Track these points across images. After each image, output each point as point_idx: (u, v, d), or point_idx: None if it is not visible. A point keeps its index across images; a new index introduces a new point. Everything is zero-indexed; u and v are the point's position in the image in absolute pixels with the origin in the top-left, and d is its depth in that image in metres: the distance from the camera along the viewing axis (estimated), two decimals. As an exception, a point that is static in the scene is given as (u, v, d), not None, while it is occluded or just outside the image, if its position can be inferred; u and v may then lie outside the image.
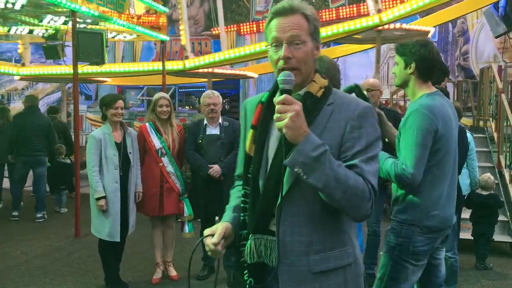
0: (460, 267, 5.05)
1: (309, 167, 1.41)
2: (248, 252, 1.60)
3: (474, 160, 5.14)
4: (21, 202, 7.39)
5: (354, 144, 1.51)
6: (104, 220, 4.14)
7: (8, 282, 4.55)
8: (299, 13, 1.55)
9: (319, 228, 1.54)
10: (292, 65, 1.53)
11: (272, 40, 1.55)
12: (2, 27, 9.11)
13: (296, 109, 1.40)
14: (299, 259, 1.54)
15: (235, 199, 1.78)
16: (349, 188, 1.44)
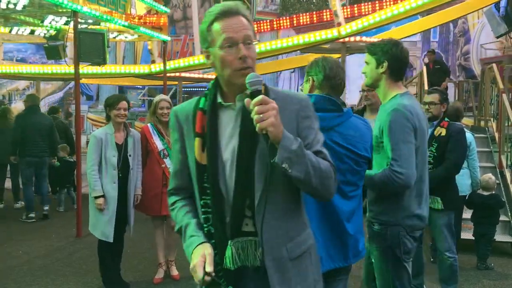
0: (461, 267, 5.05)
1: (292, 161, 1.47)
2: (230, 258, 1.58)
3: (475, 161, 5.15)
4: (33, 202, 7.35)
5: (309, 132, 1.60)
6: (100, 218, 4.14)
7: (9, 282, 4.56)
8: (242, 15, 1.58)
9: (289, 216, 1.63)
10: (249, 64, 1.55)
11: (224, 41, 1.54)
12: (4, 28, 9.12)
13: (275, 107, 1.45)
14: (280, 250, 1.59)
15: (186, 216, 1.69)
16: (322, 172, 1.54)
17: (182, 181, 1.73)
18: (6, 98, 19.48)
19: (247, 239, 1.59)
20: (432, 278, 4.64)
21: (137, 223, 5.77)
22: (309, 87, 2.39)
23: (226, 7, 1.57)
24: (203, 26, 1.60)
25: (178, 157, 1.71)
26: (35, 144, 6.96)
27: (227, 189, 1.59)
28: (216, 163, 1.59)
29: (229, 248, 1.59)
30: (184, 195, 1.74)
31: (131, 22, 8.07)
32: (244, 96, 1.55)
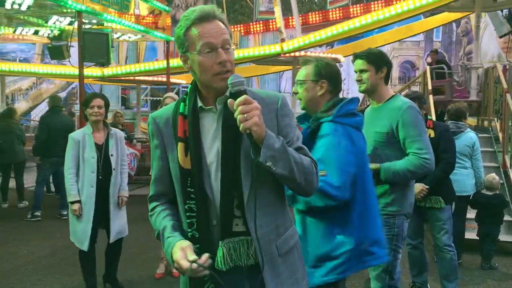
0: (465, 267, 5.07)
1: (276, 159, 1.50)
2: (221, 259, 1.59)
3: (479, 161, 5.15)
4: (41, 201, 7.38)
5: (289, 130, 1.65)
6: (76, 225, 3.92)
7: (15, 282, 4.57)
8: (218, 19, 1.59)
9: (277, 213, 1.67)
10: (228, 68, 1.56)
11: (203, 46, 1.55)
12: (8, 28, 9.15)
13: (259, 107, 1.47)
14: (270, 247, 1.62)
15: (164, 220, 1.67)
16: (305, 168, 1.59)
17: (162, 187, 1.72)
18: (9, 98, 19.55)
19: (239, 239, 1.60)
20: (436, 278, 4.64)
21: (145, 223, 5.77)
22: (322, 92, 2.36)
23: (203, 12, 1.56)
24: (179, 30, 1.59)
25: (159, 163, 1.70)
26: (58, 144, 6.98)
27: (213, 192, 1.60)
28: (200, 166, 1.60)
29: (220, 249, 1.59)
30: (164, 200, 1.74)
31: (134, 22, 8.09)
32: (224, 99, 1.58)
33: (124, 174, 4.16)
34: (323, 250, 2.19)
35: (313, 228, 2.23)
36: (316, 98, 2.36)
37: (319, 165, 2.03)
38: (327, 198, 2.15)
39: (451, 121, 5.13)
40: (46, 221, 7.08)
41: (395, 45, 14.52)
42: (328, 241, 2.19)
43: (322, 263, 2.19)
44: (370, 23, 9.86)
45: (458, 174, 5.05)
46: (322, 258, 2.19)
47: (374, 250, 2.27)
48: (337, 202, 2.17)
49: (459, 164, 5.05)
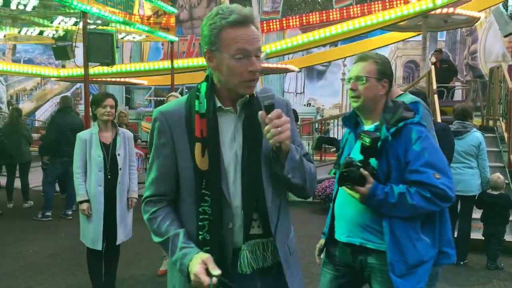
0: (471, 267, 5.06)
1: (295, 170, 1.55)
2: (245, 263, 1.57)
3: (485, 160, 5.13)
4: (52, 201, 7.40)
5: (295, 135, 1.64)
6: (87, 225, 3.86)
7: (20, 282, 4.59)
8: (254, 25, 1.55)
9: (286, 214, 1.71)
10: (257, 77, 1.56)
11: (237, 51, 1.50)
12: (13, 28, 9.18)
13: (289, 120, 1.51)
14: (285, 247, 1.67)
15: (171, 226, 1.60)
16: (312, 175, 1.65)
17: (165, 187, 1.63)
18: (14, 98, 19.63)
19: (255, 242, 1.60)
20: (442, 278, 4.62)
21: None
22: (384, 92, 2.23)
23: (242, 15, 1.50)
24: (211, 27, 1.52)
25: (165, 162, 1.61)
26: (69, 144, 7.00)
27: (229, 194, 1.56)
28: (218, 168, 1.55)
29: (243, 252, 1.57)
30: (165, 203, 1.65)
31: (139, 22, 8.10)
32: (244, 101, 1.61)
33: (133, 175, 4.10)
34: (416, 257, 2.08)
35: (404, 235, 2.09)
36: (378, 97, 2.20)
37: (429, 169, 2.05)
38: (447, 201, 2.08)
39: (457, 121, 5.11)
40: (51, 220, 7.10)
41: (399, 45, 14.49)
42: (417, 246, 2.09)
43: (414, 270, 2.08)
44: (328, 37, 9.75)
45: (464, 174, 5.04)
46: (415, 264, 2.08)
47: (446, 250, 2.23)
48: (450, 204, 2.13)
49: (465, 164, 5.04)
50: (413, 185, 2.06)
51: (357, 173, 2.05)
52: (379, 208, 2.07)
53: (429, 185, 2.04)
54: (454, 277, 4.76)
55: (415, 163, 2.06)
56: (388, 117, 2.15)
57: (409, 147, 2.08)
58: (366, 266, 2.17)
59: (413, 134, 2.10)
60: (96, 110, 3.91)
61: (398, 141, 2.09)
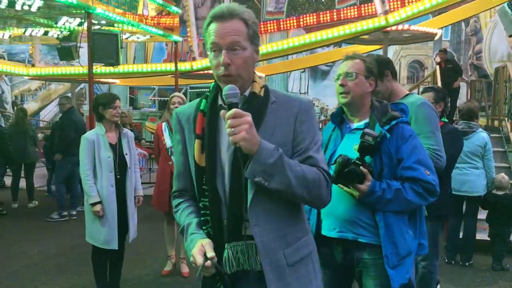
0: (476, 268, 5.04)
1: (268, 174, 1.46)
2: (226, 262, 1.56)
3: (491, 161, 5.10)
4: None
5: (305, 137, 1.58)
6: (100, 226, 3.85)
7: (25, 281, 4.60)
8: (238, 18, 1.53)
9: (287, 221, 1.61)
10: (232, 72, 1.52)
11: (211, 45, 1.53)
12: (18, 29, 9.22)
13: (248, 121, 1.42)
14: (277, 255, 1.57)
15: (188, 216, 1.67)
16: (309, 182, 1.52)
17: (184, 182, 1.71)
18: (19, 98, 19.71)
19: (248, 243, 1.57)
20: (446, 278, 4.61)
21: (154, 223, 5.82)
22: (371, 89, 2.34)
23: (220, 10, 1.53)
24: (204, 27, 1.58)
25: (180, 158, 1.70)
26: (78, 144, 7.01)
27: (225, 192, 1.58)
28: (214, 165, 1.58)
29: (226, 251, 1.57)
30: (188, 196, 1.73)
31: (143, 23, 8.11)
32: (243, 99, 1.58)
33: (137, 173, 4.17)
34: (406, 248, 2.19)
35: (397, 227, 2.19)
36: (365, 94, 2.30)
37: (421, 166, 2.16)
38: (434, 196, 2.22)
39: (463, 121, 5.09)
40: (55, 221, 7.10)
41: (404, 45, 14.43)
42: (406, 238, 2.20)
43: (403, 261, 2.19)
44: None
45: (469, 175, 5.02)
46: (405, 255, 2.20)
47: (423, 242, 2.34)
48: (435, 198, 2.25)
49: (470, 164, 5.01)
50: (406, 181, 2.18)
51: (358, 171, 2.12)
52: (376, 204, 2.16)
53: (422, 181, 2.17)
54: (459, 278, 4.74)
55: (408, 160, 2.18)
56: (379, 115, 2.26)
57: (401, 145, 2.19)
58: (359, 262, 2.23)
59: (405, 132, 2.22)
60: (104, 111, 3.90)
61: (390, 139, 2.19)
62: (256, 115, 1.51)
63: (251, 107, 1.54)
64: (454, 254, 5.18)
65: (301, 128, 1.59)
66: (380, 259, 2.15)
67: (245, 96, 1.59)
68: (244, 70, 1.55)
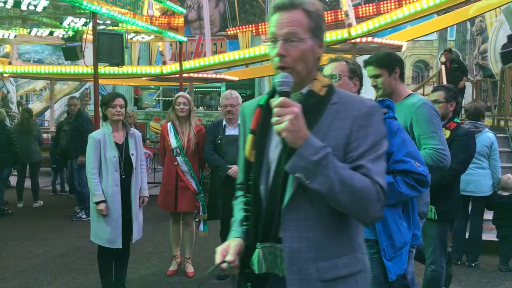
0: (482, 268, 5.01)
1: (310, 172, 1.36)
2: (256, 262, 1.51)
3: (497, 161, 5.08)
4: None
5: (361, 143, 1.44)
6: (104, 225, 3.87)
7: (31, 281, 4.61)
8: (300, 9, 1.47)
9: (327, 233, 1.47)
10: (287, 64, 1.47)
11: (269, 35, 1.50)
12: (23, 29, 9.25)
13: (294, 111, 1.35)
14: (308, 266, 1.45)
15: (239, 211, 1.65)
16: (355, 191, 1.37)
17: (242, 176, 1.66)
18: (24, 98, 19.78)
19: (278, 247, 1.49)
20: (454, 280, 4.59)
21: (160, 223, 5.82)
22: (356, 89, 2.46)
23: (278, 2, 1.49)
24: (269, 17, 1.54)
25: (241, 152, 1.66)
26: None
27: (266, 190, 1.52)
28: (261, 162, 1.53)
29: (257, 251, 1.52)
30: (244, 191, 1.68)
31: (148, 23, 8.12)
32: (299, 96, 1.50)
33: (144, 173, 4.16)
34: (401, 240, 2.25)
35: (392, 220, 2.26)
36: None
37: (411, 158, 2.20)
38: (426, 186, 2.28)
39: (470, 121, 5.07)
40: (61, 220, 7.13)
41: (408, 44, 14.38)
42: (401, 230, 2.26)
43: (399, 252, 2.25)
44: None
45: (475, 175, 4.99)
46: (401, 247, 2.26)
47: (417, 232, 2.42)
48: (428, 189, 2.32)
49: (476, 165, 4.99)
50: (397, 174, 2.25)
51: None
52: None
53: (413, 173, 2.23)
54: (466, 279, 4.72)
55: (398, 154, 2.25)
56: None
57: (390, 139, 2.24)
58: None
59: (392, 127, 2.28)
60: (106, 110, 3.93)
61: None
62: (311, 115, 1.44)
63: (306, 106, 1.45)
64: (460, 254, 5.15)
65: (358, 134, 1.45)
66: (375, 254, 2.22)
67: (302, 93, 1.51)
68: (300, 63, 1.47)
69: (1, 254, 5.44)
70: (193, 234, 4.82)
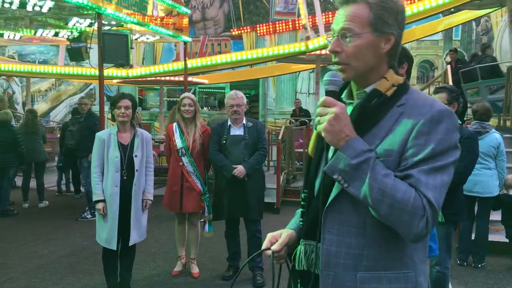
0: (490, 269, 4.99)
1: (349, 175, 1.30)
2: (297, 258, 1.50)
3: (504, 162, 5.05)
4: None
5: (418, 151, 1.30)
6: (103, 225, 3.90)
7: (37, 281, 4.62)
8: (361, 2, 1.38)
9: (372, 243, 1.37)
10: (342, 60, 1.41)
11: (331, 31, 1.45)
12: (28, 30, 9.28)
13: (335, 112, 1.31)
14: (345, 273, 1.38)
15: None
16: (396, 202, 1.26)
17: None
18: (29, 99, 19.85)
19: (309, 242, 1.48)
20: (459, 280, 4.56)
21: (166, 224, 5.82)
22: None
23: None
24: None
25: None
26: None
27: (316, 187, 1.50)
28: (319, 159, 1.49)
29: (299, 247, 1.51)
30: None
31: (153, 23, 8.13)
32: (362, 94, 1.44)
33: (150, 176, 4.12)
34: None
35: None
36: None
37: None
38: None
39: (477, 121, 5.03)
40: (66, 220, 7.14)
41: (413, 44, 14.33)
42: None
43: None
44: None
45: (482, 175, 4.96)
46: None
47: (431, 244, 2.36)
48: None
49: (483, 165, 4.95)
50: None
51: None
52: None
53: None
54: (472, 280, 4.70)
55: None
56: None
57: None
58: None
59: None
60: (113, 111, 3.95)
61: None
62: (370, 116, 1.38)
63: (368, 106, 1.39)
64: (466, 255, 5.12)
65: (416, 141, 1.31)
66: None
67: (365, 92, 1.43)
68: (356, 60, 1.39)
69: (7, 254, 5.46)
70: (199, 235, 4.82)
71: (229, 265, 4.74)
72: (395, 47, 1.42)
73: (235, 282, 4.56)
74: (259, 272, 4.50)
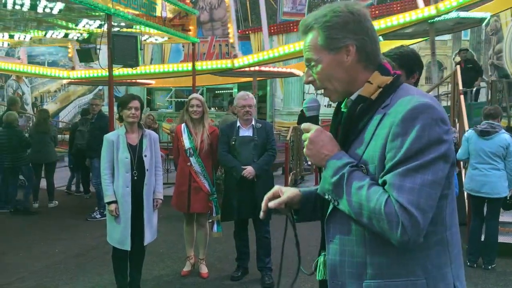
0: (500, 271, 4.95)
1: (334, 193, 1.34)
2: (318, 268, 1.52)
3: (512, 162, 5.01)
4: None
5: (395, 154, 1.25)
6: (115, 226, 3.92)
7: (47, 280, 4.66)
8: (310, 30, 1.42)
9: (374, 251, 1.34)
10: (318, 87, 1.47)
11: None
12: (38, 31, 9.36)
13: (309, 137, 1.39)
14: (352, 282, 1.37)
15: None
16: (371, 212, 1.25)
17: None
18: (38, 100, 20.01)
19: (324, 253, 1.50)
20: (468, 282, 4.53)
21: (173, 223, 5.84)
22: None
23: (299, 25, 1.49)
24: None
25: None
26: None
27: None
28: None
29: (320, 257, 1.53)
30: None
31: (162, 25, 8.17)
32: (349, 102, 1.44)
33: (159, 176, 4.16)
34: None
35: None
36: None
37: None
38: None
39: (486, 121, 5.01)
40: (76, 220, 7.19)
41: (422, 44, 14.24)
42: None
43: None
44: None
45: (490, 176, 4.93)
46: None
47: None
48: None
49: (492, 166, 4.93)
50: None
51: None
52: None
53: None
54: (482, 282, 4.67)
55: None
56: None
57: None
58: None
59: None
60: (122, 112, 3.97)
61: None
62: (355, 123, 1.37)
63: (352, 113, 1.39)
64: (476, 257, 5.09)
65: (392, 144, 1.27)
66: None
67: (351, 100, 1.43)
68: (329, 82, 1.42)
69: (18, 254, 5.51)
70: (207, 235, 4.84)
71: (238, 265, 4.74)
72: (363, 52, 1.39)
73: (243, 282, 4.58)
74: (268, 273, 4.50)
